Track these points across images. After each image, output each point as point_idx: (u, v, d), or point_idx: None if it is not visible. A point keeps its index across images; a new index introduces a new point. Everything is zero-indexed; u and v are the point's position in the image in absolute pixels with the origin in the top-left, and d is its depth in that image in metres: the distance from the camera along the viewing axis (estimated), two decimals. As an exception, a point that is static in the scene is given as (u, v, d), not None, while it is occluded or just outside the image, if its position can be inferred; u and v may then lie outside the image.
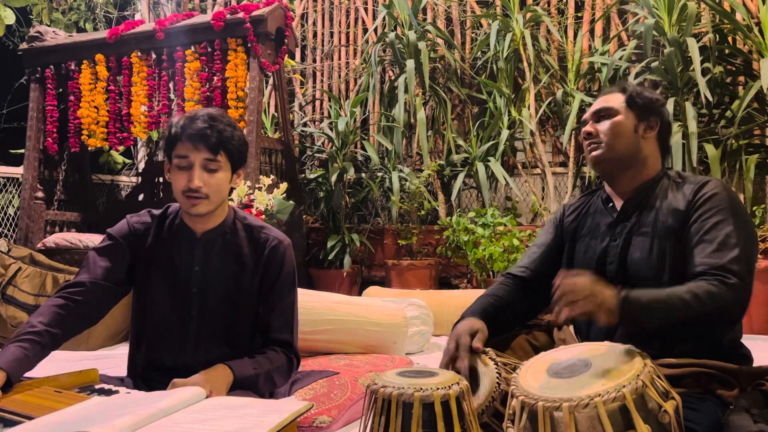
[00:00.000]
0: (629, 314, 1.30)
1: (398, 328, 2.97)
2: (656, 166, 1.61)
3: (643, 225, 1.54)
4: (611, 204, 1.63)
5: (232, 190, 1.77)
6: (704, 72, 3.91)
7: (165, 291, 1.72)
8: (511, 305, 1.65)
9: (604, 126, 1.60)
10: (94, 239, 4.23)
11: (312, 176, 5.21)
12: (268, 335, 1.73)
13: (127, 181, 5.78)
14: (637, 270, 1.51)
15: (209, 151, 1.61)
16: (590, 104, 1.75)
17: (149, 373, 1.73)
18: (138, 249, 1.73)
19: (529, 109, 4.71)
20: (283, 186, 3.99)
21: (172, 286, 1.72)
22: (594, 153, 1.60)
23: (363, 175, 5.15)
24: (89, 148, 4.79)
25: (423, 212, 4.74)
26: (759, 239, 3.71)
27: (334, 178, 4.87)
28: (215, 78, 4.38)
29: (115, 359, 2.97)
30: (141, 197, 4.96)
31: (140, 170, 5.52)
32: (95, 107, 4.65)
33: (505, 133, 4.65)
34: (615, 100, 1.62)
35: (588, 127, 1.62)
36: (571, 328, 1.69)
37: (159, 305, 1.72)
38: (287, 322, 1.74)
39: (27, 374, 1.54)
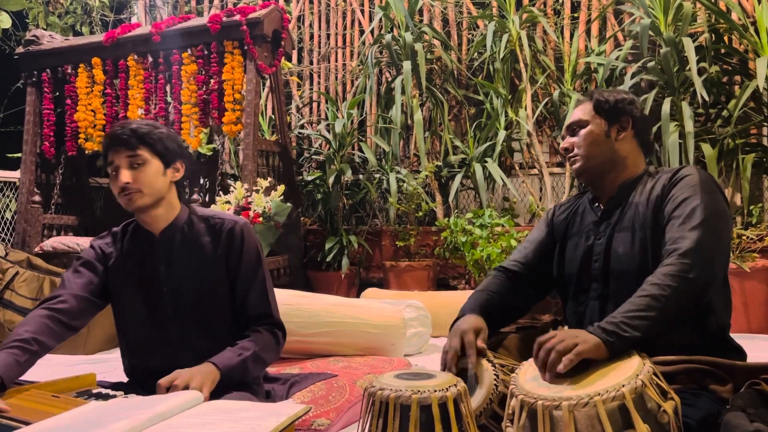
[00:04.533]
0: (612, 337, 1.29)
1: (396, 329, 2.97)
2: (638, 164, 1.64)
3: (625, 221, 1.57)
4: (597, 204, 1.67)
5: (181, 187, 1.80)
6: (700, 72, 3.92)
7: (138, 298, 1.75)
8: (505, 299, 1.69)
9: (578, 139, 1.64)
10: (91, 243, 4.22)
11: (309, 178, 5.20)
12: (247, 313, 1.76)
13: (124, 184, 5.77)
14: (622, 264, 1.53)
15: (127, 148, 1.68)
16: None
17: (143, 377, 1.74)
18: (107, 266, 1.78)
19: (525, 109, 4.71)
20: (281, 188, 3.99)
21: (143, 291, 1.75)
22: (574, 166, 1.65)
23: (360, 176, 5.15)
24: (86, 152, 4.77)
25: (420, 213, 4.74)
26: (757, 238, 3.71)
27: (331, 180, 4.87)
28: (212, 81, 4.37)
29: (112, 363, 2.96)
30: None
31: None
32: (92, 111, 4.64)
33: (502, 134, 4.66)
34: (585, 110, 1.66)
35: (564, 143, 1.67)
36: (566, 328, 1.70)
37: (136, 312, 1.76)
38: (263, 297, 1.78)
39: (24, 378, 1.55)
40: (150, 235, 1.77)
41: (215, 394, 1.56)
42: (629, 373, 1.20)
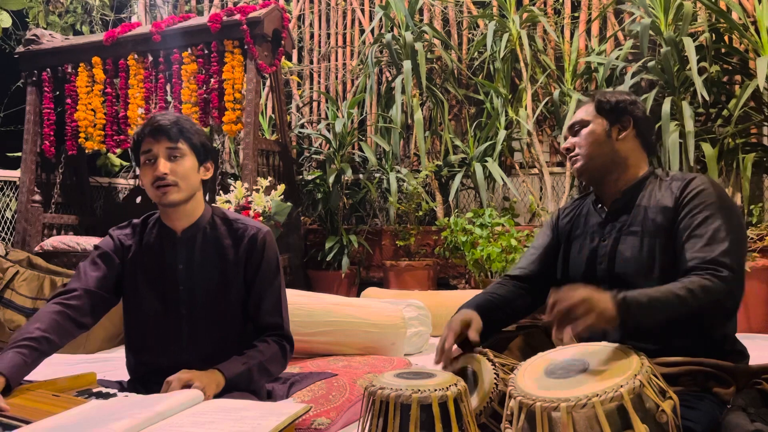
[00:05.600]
0: (629, 316, 1.30)
1: (396, 329, 2.97)
2: (641, 165, 1.64)
3: (633, 224, 1.56)
4: (600, 205, 1.67)
5: (209, 187, 1.78)
6: (701, 71, 3.92)
7: (153, 294, 1.74)
8: (509, 303, 1.69)
9: (579, 138, 1.64)
10: (91, 242, 4.23)
11: (309, 178, 5.21)
12: (258, 321, 1.75)
13: (124, 183, 5.78)
14: (628, 268, 1.53)
15: (169, 140, 1.66)
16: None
17: (147, 375, 1.74)
18: (125, 259, 1.76)
19: (526, 109, 4.71)
20: (281, 188, 3.99)
21: (159, 287, 1.74)
22: (575, 166, 1.65)
23: (360, 176, 5.15)
24: (86, 151, 4.78)
25: (421, 213, 4.74)
26: (758, 237, 3.72)
27: (331, 180, 4.87)
28: (212, 80, 4.37)
29: (113, 362, 2.97)
30: (138, 200, 4.96)
31: (137, 173, 5.50)
32: (92, 110, 4.65)
33: (502, 134, 4.66)
34: (586, 110, 1.66)
35: (565, 143, 1.68)
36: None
37: (149, 308, 1.74)
38: (276, 306, 1.77)
39: (25, 378, 1.54)
40: (172, 233, 1.75)
41: (217, 396, 1.55)
42: (627, 373, 1.20)
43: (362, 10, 5.71)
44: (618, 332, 1.50)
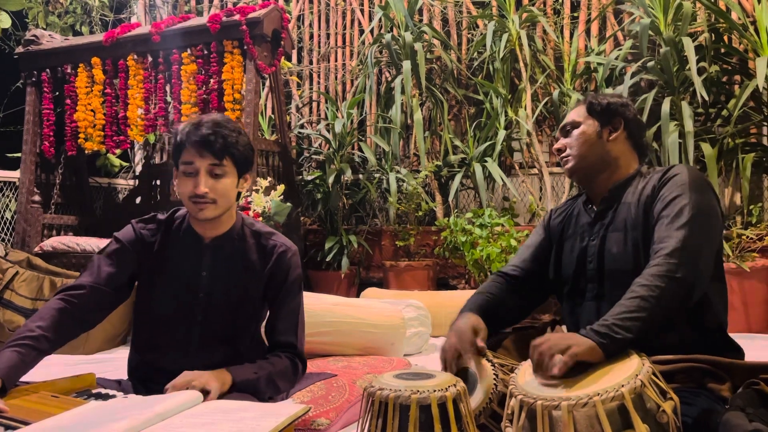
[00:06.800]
0: (608, 339, 1.29)
1: (396, 329, 2.97)
2: (631, 166, 1.66)
3: (618, 221, 1.58)
4: (590, 205, 1.69)
5: (239, 195, 1.76)
6: (700, 71, 3.92)
7: (170, 295, 1.71)
8: (504, 302, 1.70)
9: (570, 139, 1.67)
10: (91, 243, 4.22)
11: (309, 178, 5.21)
12: (273, 338, 1.75)
13: (124, 184, 5.77)
14: (616, 264, 1.54)
15: (214, 156, 1.61)
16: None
17: (150, 376, 1.72)
18: (144, 255, 1.73)
19: (525, 109, 4.71)
20: (281, 188, 3.99)
21: (178, 290, 1.71)
22: (566, 166, 1.68)
23: (360, 176, 5.15)
24: (86, 152, 4.77)
25: (420, 213, 4.74)
26: (758, 237, 3.71)
27: (331, 180, 4.87)
28: (212, 80, 4.37)
29: (112, 363, 2.97)
30: (138, 200, 4.95)
31: (137, 173, 5.51)
32: (92, 110, 4.64)
33: (501, 134, 4.66)
34: (578, 111, 1.70)
35: (557, 144, 1.70)
36: (564, 328, 1.71)
37: (164, 309, 1.72)
38: (292, 326, 1.76)
39: (24, 378, 1.53)
40: (199, 238, 1.72)
41: (219, 396, 1.54)
42: (628, 373, 1.20)
43: (362, 11, 5.71)
44: None
